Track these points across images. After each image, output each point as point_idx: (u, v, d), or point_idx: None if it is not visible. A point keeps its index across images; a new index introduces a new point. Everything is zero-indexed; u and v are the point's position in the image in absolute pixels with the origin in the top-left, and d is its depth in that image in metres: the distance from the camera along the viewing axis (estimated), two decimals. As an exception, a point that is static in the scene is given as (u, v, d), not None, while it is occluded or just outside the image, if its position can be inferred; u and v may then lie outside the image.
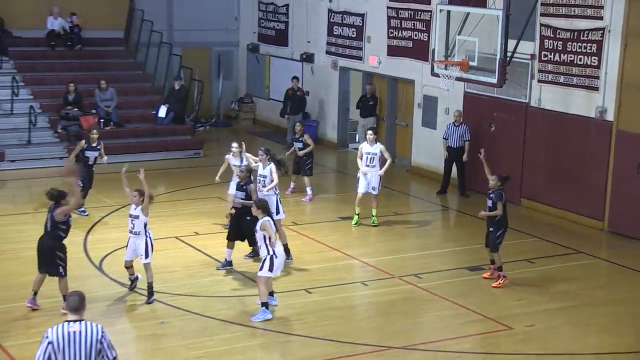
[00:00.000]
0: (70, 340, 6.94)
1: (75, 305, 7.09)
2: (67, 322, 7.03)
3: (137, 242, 11.75)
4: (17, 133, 19.99)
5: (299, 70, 23.14)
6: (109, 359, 7.06)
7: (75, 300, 7.12)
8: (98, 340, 7.01)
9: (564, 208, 16.42)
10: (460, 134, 17.76)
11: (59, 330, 6.98)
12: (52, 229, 11.28)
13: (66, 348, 6.92)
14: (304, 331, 10.95)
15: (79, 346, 6.94)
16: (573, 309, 11.99)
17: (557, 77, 16.33)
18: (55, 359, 6.92)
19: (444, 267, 13.60)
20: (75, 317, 7.06)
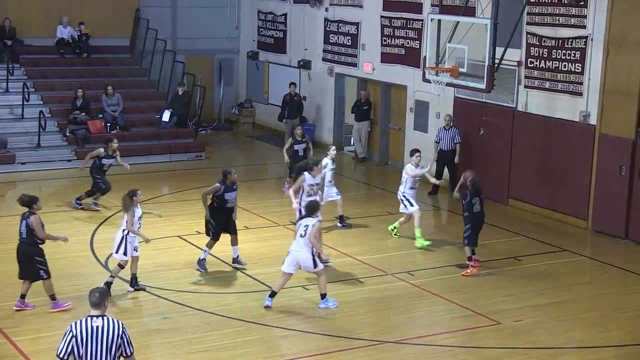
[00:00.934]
0: (93, 334, 6.87)
1: (96, 300, 7.03)
2: (90, 317, 6.96)
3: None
4: (27, 137, 19.91)
5: (296, 76, 23.06)
6: (127, 354, 6.99)
7: (96, 296, 7.06)
8: (119, 335, 6.95)
9: (550, 208, 16.35)
10: (451, 137, 17.69)
11: (82, 324, 6.91)
12: (28, 235, 11.05)
13: (89, 342, 6.85)
14: (301, 326, 10.86)
15: (101, 341, 6.87)
16: (559, 304, 11.91)
17: (543, 83, 16.26)
18: (77, 352, 6.84)
19: (435, 264, 13.52)
20: (97, 312, 6.99)
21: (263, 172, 20.75)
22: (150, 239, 12.08)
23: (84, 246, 13.86)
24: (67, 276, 12.45)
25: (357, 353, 10.16)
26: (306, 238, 11.16)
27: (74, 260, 13.19)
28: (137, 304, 11.47)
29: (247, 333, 10.75)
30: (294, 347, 10.27)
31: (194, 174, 19.42)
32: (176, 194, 17.62)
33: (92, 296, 7.07)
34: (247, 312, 11.41)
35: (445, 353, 10.25)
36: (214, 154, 21.68)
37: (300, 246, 11.24)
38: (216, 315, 11.12)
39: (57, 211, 15.83)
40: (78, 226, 14.90)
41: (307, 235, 11.16)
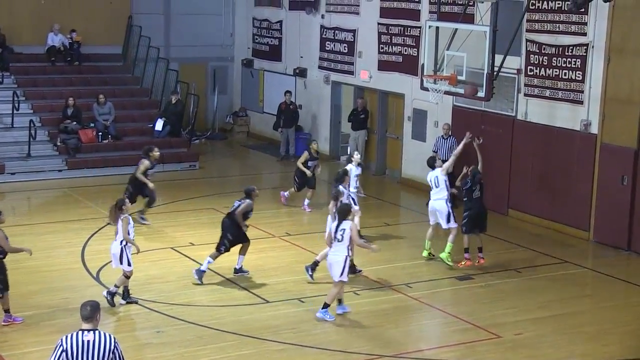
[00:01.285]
0: (84, 349, 6.80)
1: (87, 314, 6.98)
2: (81, 331, 6.89)
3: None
4: (17, 146, 19.89)
5: (292, 84, 23.07)
6: None
7: (87, 309, 7.00)
8: (111, 350, 6.88)
9: (551, 218, 16.34)
10: (450, 147, 17.70)
11: (73, 338, 6.85)
12: None
13: (79, 357, 6.79)
14: (297, 340, 10.81)
15: (92, 355, 6.80)
16: (560, 317, 11.89)
17: (543, 91, 16.28)
18: None
19: (434, 276, 13.49)
20: (89, 326, 6.92)
21: (258, 182, 20.62)
22: (140, 249, 12.06)
23: (75, 258, 13.82)
24: (57, 289, 12.40)
25: (354, 367, 10.12)
26: (344, 242, 11.18)
27: (64, 272, 13.15)
28: (129, 318, 11.41)
29: (242, 347, 10.70)
30: (289, 362, 10.23)
31: (188, 184, 19.39)
32: (169, 205, 17.57)
33: (83, 309, 7.03)
34: (241, 325, 11.36)
35: (445, 367, 10.23)
36: (208, 163, 21.66)
37: (337, 251, 11.30)
38: (210, 329, 11.07)
39: (47, 222, 15.78)
40: (69, 238, 14.86)
41: (345, 240, 11.18)
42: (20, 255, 13.76)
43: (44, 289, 12.39)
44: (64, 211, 16.56)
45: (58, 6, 22.82)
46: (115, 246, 11.82)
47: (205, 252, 14.22)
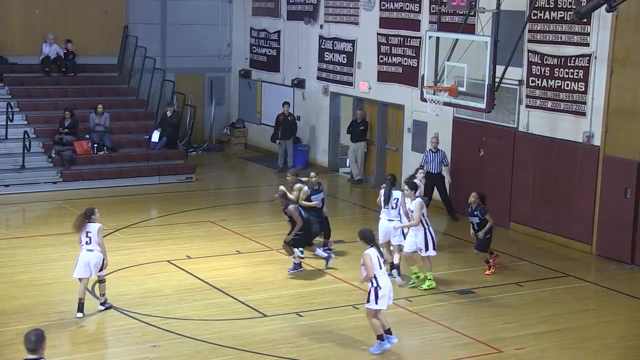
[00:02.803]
0: None
1: (32, 346, 6.82)
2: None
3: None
4: (11, 158, 19.94)
5: (290, 95, 23.18)
6: None
7: (31, 340, 6.84)
8: None
9: (553, 232, 16.41)
10: (440, 160, 17.80)
11: None
12: None
13: None
14: (295, 354, 10.86)
15: None
16: (562, 332, 11.94)
17: (545, 103, 16.39)
18: None
19: (434, 290, 13.54)
20: (34, 357, 6.77)
21: (255, 194, 20.81)
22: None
23: (69, 271, 13.83)
24: (51, 302, 12.45)
25: (353, 382, 10.17)
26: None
27: (59, 285, 13.19)
28: (124, 332, 11.46)
29: (239, 362, 10.76)
30: (287, 377, 10.28)
31: (184, 196, 19.46)
32: (165, 218, 17.64)
33: (27, 341, 6.86)
34: (239, 339, 11.41)
35: (445, 382, 10.27)
36: (205, 175, 21.73)
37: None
38: (207, 343, 11.12)
39: (41, 235, 15.84)
40: (63, 251, 14.91)
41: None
42: (14, 269, 13.89)
43: (39, 303, 12.44)
44: (59, 224, 16.61)
45: (52, 16, 22.95)
46: (96, 255, 11.86)
47: (202, 265, 14.32)
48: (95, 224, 11.85)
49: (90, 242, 11.81)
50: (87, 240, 11.82)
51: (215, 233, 16.32)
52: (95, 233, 11.79)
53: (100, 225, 11.91)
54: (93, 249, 11.84)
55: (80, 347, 11.03)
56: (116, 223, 16.69)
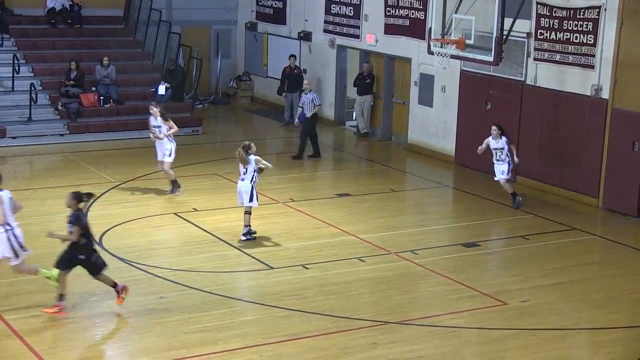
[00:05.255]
0: None
1: None
2: None
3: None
4: (18, 110, 19.85)
5: (296, 48, 22.96)
6: None
7: None
8: None
9: (559, 185, 16.34)
10: (310, 100, 18.31)
11: None
12: None
13: None
14: (301, 306, 10.88)
15: None
16: (567, 285, 11.93)
17: (553, 55, 16.18)
18: None
19: (440, 243, 13.54)
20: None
21: (261, 147, 20.60)
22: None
23: (76, 223, 13.85)
24: (53, 255, 12.44)
25: (359, 334, 10.19)
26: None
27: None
28: (132, 283, 11.46)
29: (246, 313, 10.79)
30: (293, 328, 10.29)
31: (191, 149, 19.37)
32: (172, 170, 17.57)
33: None
34: (245, 291, 11.45)
35: (450, 334, 10.28)
36: (211, 128, 21.64)
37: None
38: (213, 295, 11.15)
39: (49, 187, 15.82)
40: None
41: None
42: (23, 220, 13.82)
43: (48, 254, 12.40)
44: (66, 176, 16.60)
45: (58, -33, 22.66)
46: (246, 185, 12.81)
47: (208, 217, 14.31)
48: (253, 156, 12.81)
49: (246, 172, 12.79)
50: (245, 170, 12.93)
51: (222, 186, 16.29)
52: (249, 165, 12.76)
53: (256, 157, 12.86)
54: (244, 179, 12.90)
55: (88, 298, 11.06)
56: (123, 175, 16.67)
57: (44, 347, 9.52)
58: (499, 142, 15.19)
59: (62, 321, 10.24)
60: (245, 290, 11.53)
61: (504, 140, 15.22)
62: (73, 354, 9.45)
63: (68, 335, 9.89)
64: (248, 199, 13.06)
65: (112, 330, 10.14)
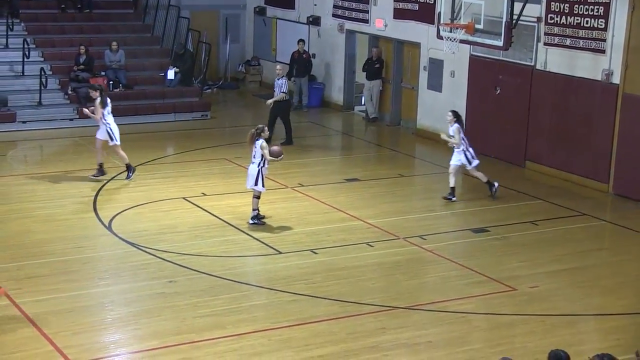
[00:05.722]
0: None
1: None
2: None
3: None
4: (28, 94, 19.85)
5: (305, 33, 22.86)
6: None
7: None
8: None
9: (569, 170, 16.25)
10: (279, 85, 18.21)
11: None
12: None
13: None
14: (310, 291, 10.87)
15: None
16: (577, 270, 11.87)
17: (564, 40, 16.05)
18: None
19: (448, 228, 13.49)
20: None
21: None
22: None
23: (87, 207, 13.89)
24: (70, 238, 12.49)
25: (367, 319, 10.17)
26: None
27: (77, 221, 13.22)
28: (141, 267, 11.49)
29: (254, 297, 10.78)
30: (302, 312, 10.28)
31: (200, 134, 19.36)
32: (181, 155, 17.58)
33: None
34: (253, 276, 11.44)
35: (458, 319, 10.25)
36: (220, 113, 21.60)
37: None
38: (222, 279, 11.14)
39: (59, 171, 15.82)
40: (80, 187, 14.92)
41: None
42: (33, 204, 13.92)
43: (56, 238, 12.48)
44: (76, 160, 16.61)
45: (67, -49, 22.59)
46: (253, 168, 12.89)
47: (217, 202, 14.30)
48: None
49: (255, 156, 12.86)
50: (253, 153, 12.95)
51: (231, 170, 16.27)
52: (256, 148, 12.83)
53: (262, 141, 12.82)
54: (253, 162, 12.97)
55: (98, 282, 11.08)
56: (132, 160, 16.63)
57: (54, 330, 9.54)
58: (451, 129, 14.67)
59: (72, 305, 10.25)
60: (254, 274, 11.52)
61: (455, 128, 14.55)
62: (83, 337, 9.47)
63: (78, 318, 9.90)
64: (253, 182, 13.05)
65: (122, 315, 10.15)
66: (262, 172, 13.07)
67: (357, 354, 9.26)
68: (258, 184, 13.07)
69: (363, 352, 9.32)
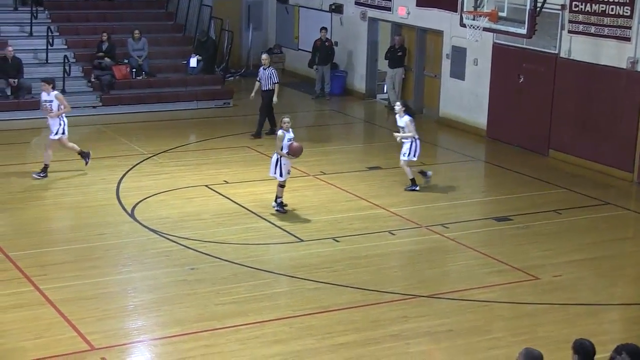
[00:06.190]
0: None
1: None
2: None
3: None
4: (51, 82, 19.91)
5: (327, 21, 22.78)
6: None
7: None
8: None
9: (593, 159, 16.09)
10: (268, 76, 17.63)
11: None
12: None
13: None
14: (331, 279, 10.85)
15: None
16: (600, 260, 11.77)
17: (588, 28, 15.87)
18: None
19: (470, 217, 13.41)
20: None
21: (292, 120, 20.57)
22: None
23: (110, 194, 13.94)
24: (93, 225, 12.54)
25: (389, 307, 10.14)
26: None
27: (100, 208, 13.28)
28: (163, 255, 11.53)
29: (276, 285, 10.78)
30: (323, 300, 10.27)
31: (222, 122, 19.38)
32: (203, 143, 17.60)
33: None
34: (275, 263, 11.44)
35: (481, 308, 10.20)
36: (242, 101, 21.57)
37: None
38: (244, 267, 11.15)
39: (82, 159, 15.87)
40: (104, 174, 14.98)
41: None
42: (57, 191, 14.01)
43: (80, 225, 12.55)
44: (99, 148, 16.65)
45: (91, -61, 22.65)
46: (274, 156, 12.86)
47: (239, 190, 14.31)
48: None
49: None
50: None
51: (252, 158, 16.27)
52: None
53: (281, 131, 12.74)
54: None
55: (121, 269, 11.12)
56: (155, 147, 16.71)
57: (78, 316, 9.59)
58: (401, 121, 14.37)
59: (95, 292, 10.31)
60: (276, 262, 11.52)
61: (407, 119, 14.25)
62: (106, 323, 9.52)
63: (101, 305, 9.96)
64: (272, 170, 13.06)
65: (144, 301, 10.19)
66: (281, 161, 13.04)
67: (378, 342, 9.25)
68: (275, 172, 13.06)
69: (384, 340, 9.30)
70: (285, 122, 13.05)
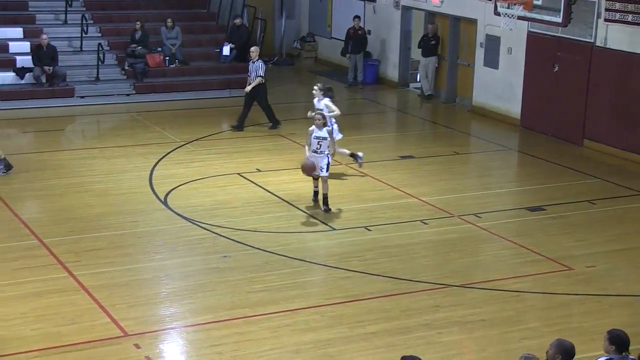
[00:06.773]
0: None
1: None
2: None
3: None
4: (86, 70, 20.12)
5: (361, 9, 22.70)
6: None
7: None
8: None
9: (629, 149, 15.89)
10: (255, 69, 17.39)
11: None
12: None
13: None
14: (363, 268, 10.86)
15: None
16: (635, 250, 11.64)
17: (625, 16, 15.64)
18: None
19: (504, 206, 13.33)
20: None
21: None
22: None
23: (143, 182, 14.05)
24: (126, 212, 12.66)
25: (420, 296, 10.13)
26: None
27: (133, 196, 13.39)
28: (196, 242, 11.61)
29: (308, 273, 10.81)
30: (355, 289, 10.28)
31: (254, 110, 19.36)
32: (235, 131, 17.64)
33: None
34: (307, 252, 11.46)
35: (513, 298, 10.15)
36: (275, 89, 21.57)
37: None
38: (276, 255, 11.19)
39: (115, 146, 16.03)
40: (137, 162, 15.10)
41: None
42: (90, 178, 14.16)
43: (113, 212, 12.67)
44: (132, 135, 16.81)
45: None
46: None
47: (271, 178, 14.34)
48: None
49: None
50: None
51: (285, 147, 16.30)
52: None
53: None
54: None
55: (153, 256, 11.22)
56: (188, 135, 16.80)
57: (111, 302, 9.71)
58: (320, 103, 14.01)
59: (128, 278, 10.42)
60: (308, 251, 11.54)
61: (326, 100, 13.98)
62: (139, 310, 9.62)
63: (134, 291, 10.06)
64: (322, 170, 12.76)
65: (177, 288, 10.27)
66: (328, 158, 12.70)
67: (410, 331, 9.24)
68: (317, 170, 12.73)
69: (416, 329, 9.29)
70: (318, 118, 12.78)
